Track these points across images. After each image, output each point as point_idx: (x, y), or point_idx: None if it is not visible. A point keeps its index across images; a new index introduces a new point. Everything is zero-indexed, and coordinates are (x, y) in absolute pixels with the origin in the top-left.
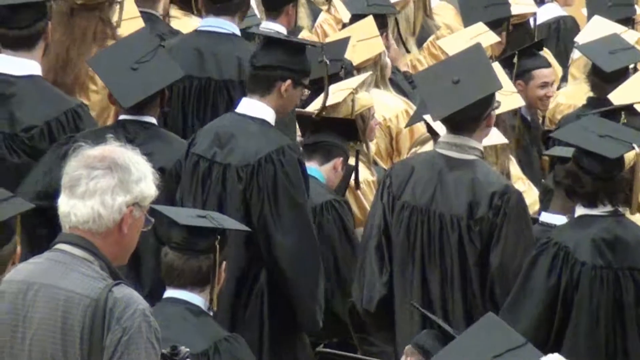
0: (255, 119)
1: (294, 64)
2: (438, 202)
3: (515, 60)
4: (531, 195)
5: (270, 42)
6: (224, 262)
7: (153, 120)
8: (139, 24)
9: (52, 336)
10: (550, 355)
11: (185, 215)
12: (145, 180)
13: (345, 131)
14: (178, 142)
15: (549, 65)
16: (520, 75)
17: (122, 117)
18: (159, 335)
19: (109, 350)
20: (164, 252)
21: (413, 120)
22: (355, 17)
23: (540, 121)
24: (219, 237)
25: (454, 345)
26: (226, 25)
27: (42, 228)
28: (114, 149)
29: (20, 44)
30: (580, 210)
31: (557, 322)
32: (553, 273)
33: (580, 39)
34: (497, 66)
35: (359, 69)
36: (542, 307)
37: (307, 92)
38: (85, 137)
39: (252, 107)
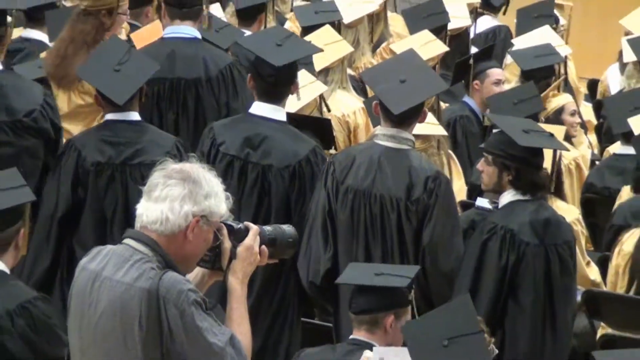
0: (277, 121)
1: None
2: (378, 185)
3: (471, 62)
4: (459, 182)
5: None
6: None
7: (137, 116)
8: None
9: (112, 325)
10: None
11: None
12: (215, 198)
13: (319, 131)
14: (159, 136)
15: (499, 66)
16: (477, 76)
17: (108, 117)
18: (207, 301)
19: (177, 329)
20: None
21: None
22: (305, 30)
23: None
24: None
25: (423, 319)
26: (189, 30)
27: None
28: (193, 166)
29: None
30: (509, 196)
31: (504, 295)
32: (503, 253)
33: (517, 45)
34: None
35: (329, 69)
36: (497, 285)
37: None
38: (81, 141)
39: (267, 109)
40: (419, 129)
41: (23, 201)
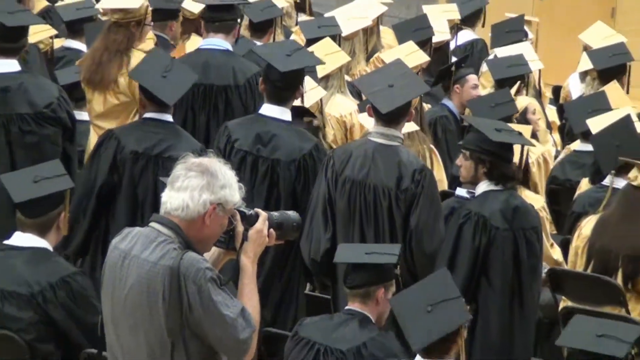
0: (284, 121)
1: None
2: (372, 177)
3: (452, 69)
4: (440, 174)
5: None
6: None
7: (170, 118)
8: (151, 44)
9: (139, 298)
10: None
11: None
12: (229, 188)
13: (298, 113)
14: (188, 137)
15: (476, 73)
16: (457, 81)
17: (147, 115)
18: (221, 278)
19: (195, 302)
20: None
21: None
22: (309, 41)
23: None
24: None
25: (407, 291)
26: (221, 42)
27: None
28: (211, 160)
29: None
30: (484, 187)
31: (477, 274)
32: (475, 238)
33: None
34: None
35: (329, 76)
36: (471, 264)
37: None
38: (121, 132)
39: (275, 110)
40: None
41: (64, 188)
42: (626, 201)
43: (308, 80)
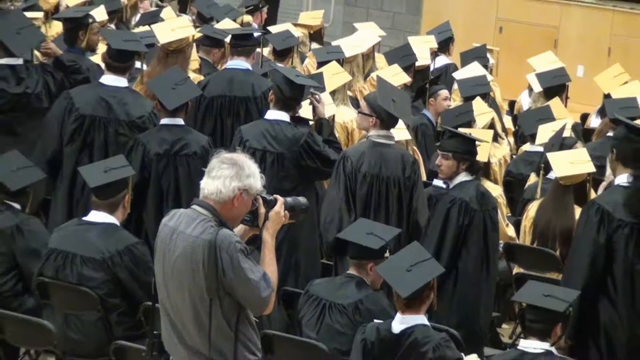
0: (282, 121)
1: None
2: (383, 170)
3: (427, 86)
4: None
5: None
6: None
7: (181, 121)
8: (196, 64)
9: (184, 265)
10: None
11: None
12: (253, 177)
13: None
14: (197, 135)
15: (447, 88)
16: (432, 95)
17: (163, 121)
18: (248, 249)
19: (227, 268)
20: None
21: None
22: (320, 64)
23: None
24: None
25: (389, 260)
26: (242, 64)
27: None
28: (239, 155)
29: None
30: (460, 178)
31: (459, 246)
32: (460, 218)
33: (458, 76)
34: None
35: (335, 91)
36: (456, 238)
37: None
38: (145, 138)
39: (277, 115)
40: (395, 135)
41: (127, 175)
42: (555, 192)
43: (326, 97)
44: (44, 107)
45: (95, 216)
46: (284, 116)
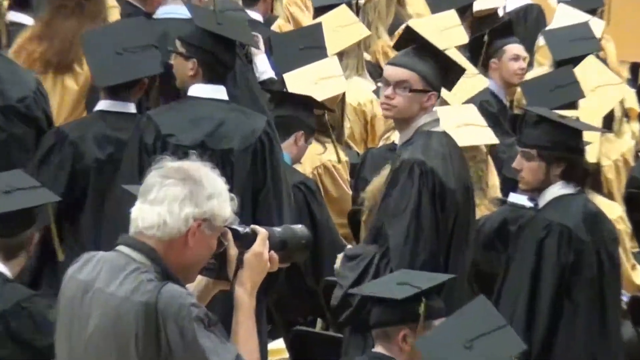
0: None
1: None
2: (464, 175)
3: (485, 39)
4: (493, 179)
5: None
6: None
7: (133, 108)
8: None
9: (105, 343)
10: None
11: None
12: (218, 199)
13: (304, 103)
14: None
15: (518, 42)
16: (494, 53)
17: (100, 106)
18: (210, 317)
19: (177, 348)
20: None
21: None
22: (318, 10)
23: (508, 106)
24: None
25: (437, 329)
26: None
27: None
28: (193, 164)
29: None
30: (556, 190)
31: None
32: (561, 254)
33: (552, 26)
34: (454, 52)
35: (342, 53)
36: (557, 284)
37: None
38: (72, 130)
39: (209, 91)
40: (471, 139)
41: (41, 202)
42: None
43: (330, 65)
44: None
45: None
46: (215, 92)
